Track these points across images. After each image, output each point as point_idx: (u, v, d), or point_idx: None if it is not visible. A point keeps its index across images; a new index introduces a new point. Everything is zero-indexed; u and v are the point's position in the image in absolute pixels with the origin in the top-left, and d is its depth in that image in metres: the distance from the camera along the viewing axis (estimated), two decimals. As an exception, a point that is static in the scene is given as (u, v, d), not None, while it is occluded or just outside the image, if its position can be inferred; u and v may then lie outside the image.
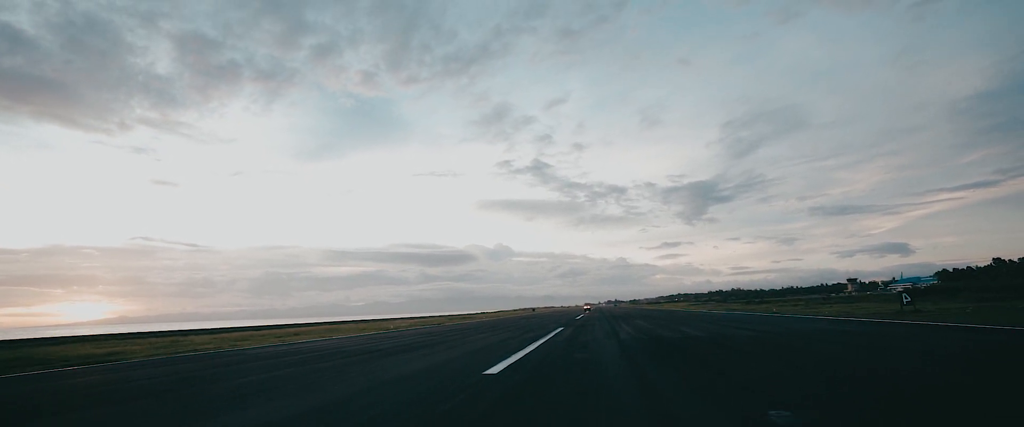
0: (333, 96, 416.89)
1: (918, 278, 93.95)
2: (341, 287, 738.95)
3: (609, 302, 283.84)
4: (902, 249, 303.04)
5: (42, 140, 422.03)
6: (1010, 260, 63.76)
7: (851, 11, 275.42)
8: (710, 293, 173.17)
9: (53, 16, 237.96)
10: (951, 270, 73.39)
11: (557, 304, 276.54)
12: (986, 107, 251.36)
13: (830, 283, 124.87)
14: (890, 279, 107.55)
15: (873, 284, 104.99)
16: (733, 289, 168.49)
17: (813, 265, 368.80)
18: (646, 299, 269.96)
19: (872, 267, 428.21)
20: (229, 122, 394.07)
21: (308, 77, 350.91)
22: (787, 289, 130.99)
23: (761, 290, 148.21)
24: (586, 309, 54.75)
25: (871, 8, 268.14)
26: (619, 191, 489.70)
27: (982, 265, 68.84)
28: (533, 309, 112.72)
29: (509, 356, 6.85)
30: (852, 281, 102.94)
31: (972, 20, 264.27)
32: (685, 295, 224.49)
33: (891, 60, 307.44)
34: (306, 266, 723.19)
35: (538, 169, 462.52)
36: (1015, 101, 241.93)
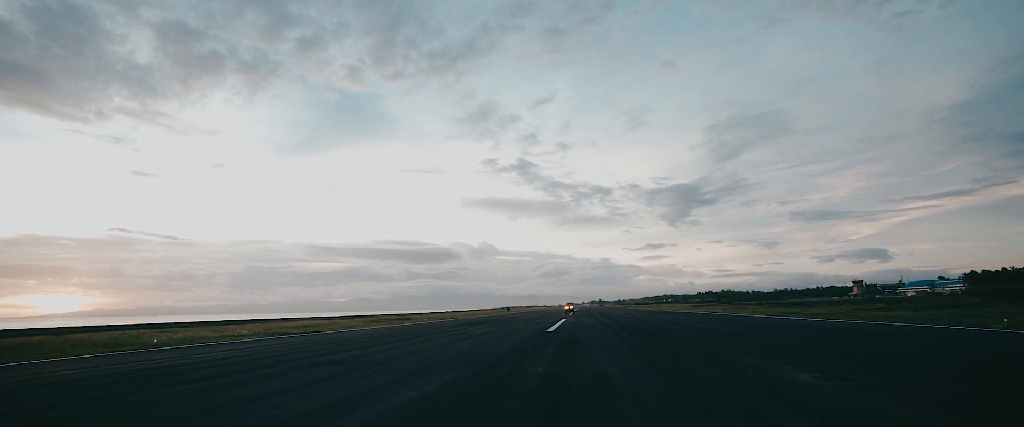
0: (317, 90, 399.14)
1: (932, 282, 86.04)
2: (323, 283, 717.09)
3: (593, 302, 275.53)
4: (881, 255, 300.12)
5: (15, 127, 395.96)
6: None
7: (835, 19, 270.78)
8: (700, 294, 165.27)
9: (28, 0, 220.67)
10: (980, 272, 65.37)
11: (540, 304, 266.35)
12: (962, 118, 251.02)
13: (820, 287, 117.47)
14: (897, 282, 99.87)
15: (872, 287, 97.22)
16: (722, 291, 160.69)
17: (794, 269, 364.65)
18: (631, 300, 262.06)
19: (851, 272, 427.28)
20: (210, 113, 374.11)
21: (292, 70, 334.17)
22: (783, 291, 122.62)
23: (754, 292, 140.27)
24: (569, 310, 44.96)
25: (854, 17, 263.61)
26: (603, 192, 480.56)
27: (1018, 267, 60.87)
28: (507, 309, 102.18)
29: None
30: (858, 283, 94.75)
31: (950, 33, 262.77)
32: (670, 296, 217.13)
33: (873, 69, 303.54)
34: (288, 261, 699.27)
35: (523, 168, 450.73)
36: (989, 113, 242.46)
